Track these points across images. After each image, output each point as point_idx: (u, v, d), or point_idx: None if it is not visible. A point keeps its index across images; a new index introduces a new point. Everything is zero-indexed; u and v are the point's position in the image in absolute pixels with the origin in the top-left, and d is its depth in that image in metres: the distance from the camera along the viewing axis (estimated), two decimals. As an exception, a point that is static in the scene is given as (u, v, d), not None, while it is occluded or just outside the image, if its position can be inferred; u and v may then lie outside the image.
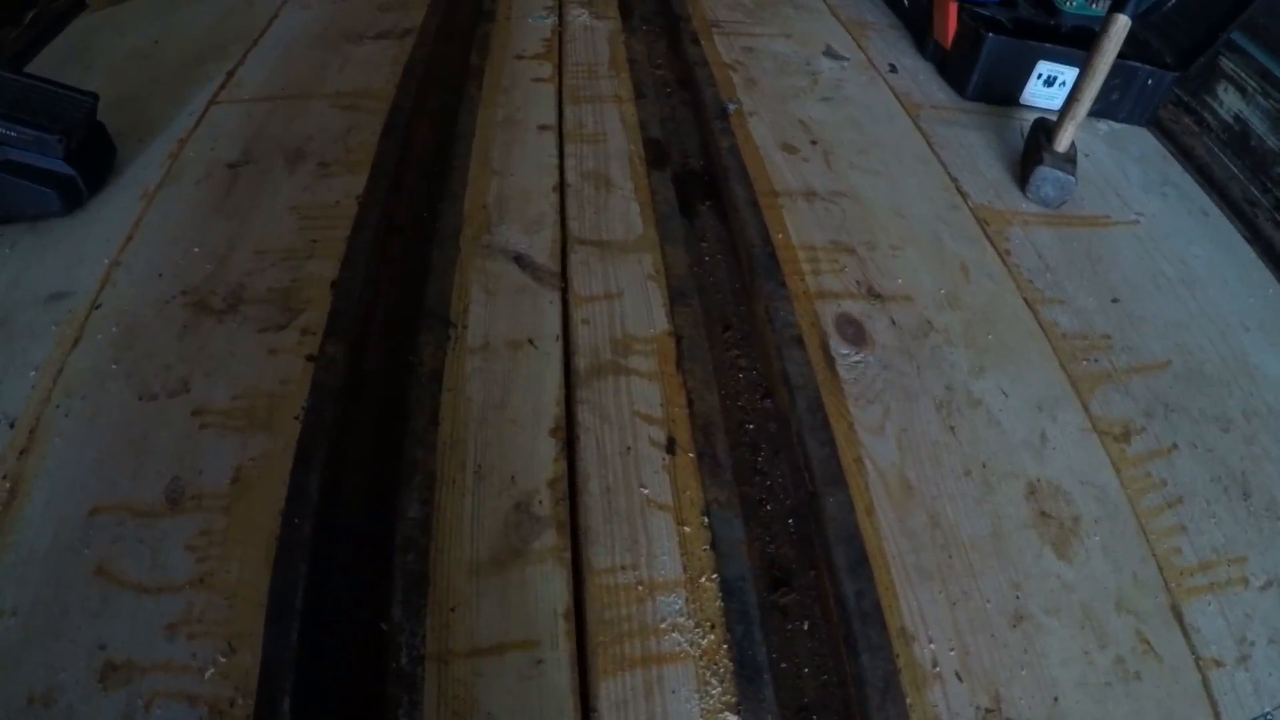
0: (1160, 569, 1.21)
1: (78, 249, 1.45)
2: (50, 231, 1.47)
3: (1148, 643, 1.13)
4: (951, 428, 1.30)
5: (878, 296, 1.47)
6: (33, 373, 1.26)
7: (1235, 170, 2.00)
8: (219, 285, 1.39)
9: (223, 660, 0.98)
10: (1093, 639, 1.12)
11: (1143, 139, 2.07)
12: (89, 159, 1.54)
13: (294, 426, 1.20)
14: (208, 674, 0.97)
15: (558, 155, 1.69)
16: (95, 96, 1.55)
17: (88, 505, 1.12)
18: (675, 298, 1.40)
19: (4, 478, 1.14)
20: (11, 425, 1.20)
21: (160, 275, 1.40)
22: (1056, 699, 1.06)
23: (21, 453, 1.17)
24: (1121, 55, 1.70)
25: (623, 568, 1.10)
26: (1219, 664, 1.13)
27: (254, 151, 1.67)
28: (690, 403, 1.28)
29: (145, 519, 1.11)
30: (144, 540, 1.09)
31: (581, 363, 1.30)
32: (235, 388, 1.25)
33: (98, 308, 1.35)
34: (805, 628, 1.11)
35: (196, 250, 1.44)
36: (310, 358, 1.27)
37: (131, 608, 1.02)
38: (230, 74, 1.93)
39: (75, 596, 1.03)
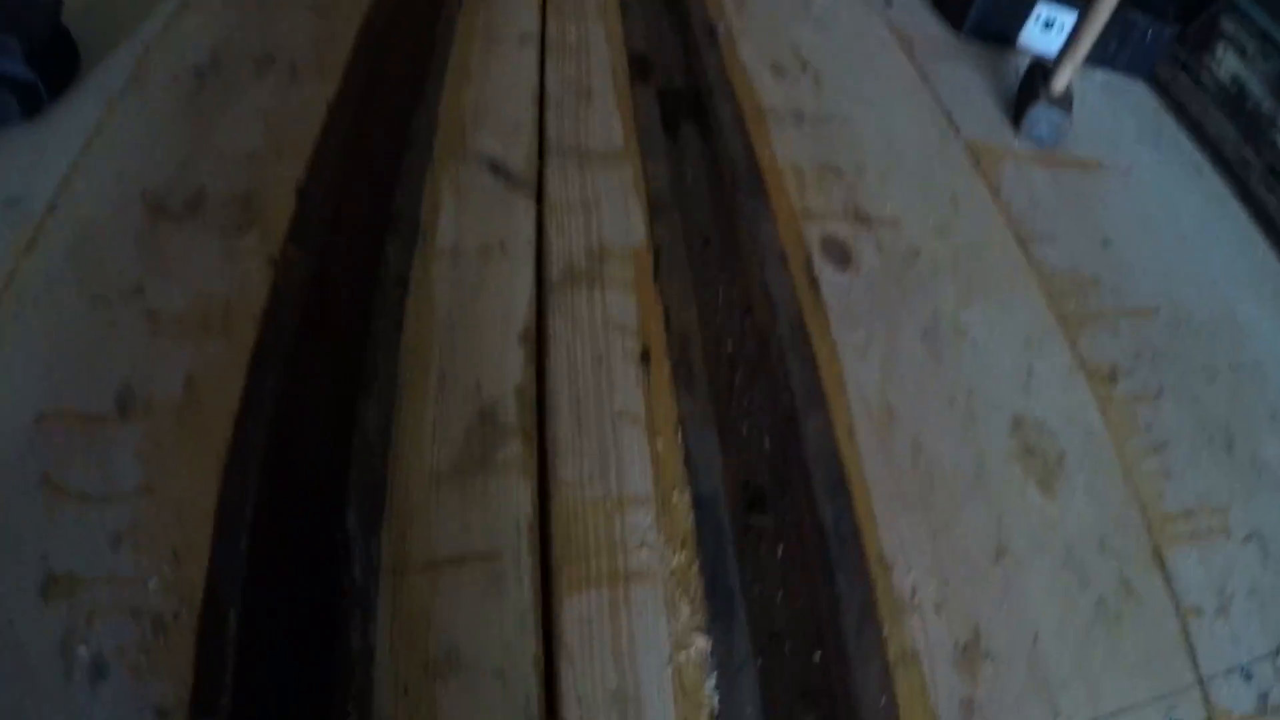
0: (1144, 512, 1.17)
1: (36, 155, 1.35)
2: (8, 138, 1.38)
3: (1129, 586, 1.09)
4: (937, 356, 1.25)
5: (865, 220, 1.41)
6: None
7: (1230, 130, 1.95)
8: (180, 189, 1.30)
9: (168, 571, 0.91)
10: (1074, 579, 1.08)
11: (1139, 91, 2.03)
12: (50, 64, 1.43)
13: (251, 331, 1.12)
14: (151, 585, 0.90)
15: (538, 66, 1.61)
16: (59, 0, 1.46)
17: (33, 412, 1.03)
18: (655, 211, 1.33)
19: None
20: None
21: (120, 180, 1.31)
22: (1037, 637, 1.02)
23: None
24: (1122, 5, 1.64)
25: (591, 481, 1.03)
26: (1198, 613, 1.10)
27: (223, 57, 1.57)
28: (667, 316, 1.22)
29: (94, 425, 1.03)
30: (91, 448, 1.01)
31: (555, 270, 1.23)
32: (192, 292, 1.17)
33: (53, 211, 1.26)
34: (779, 552, 1.05)
35: (159, 155, 1.35)
36: (271, 261, 1.19)
37: (76, 518, 0.95)
38: (200, -24, 1.84)
39: (18, 507, 0.95)
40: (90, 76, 1.53)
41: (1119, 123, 1.88)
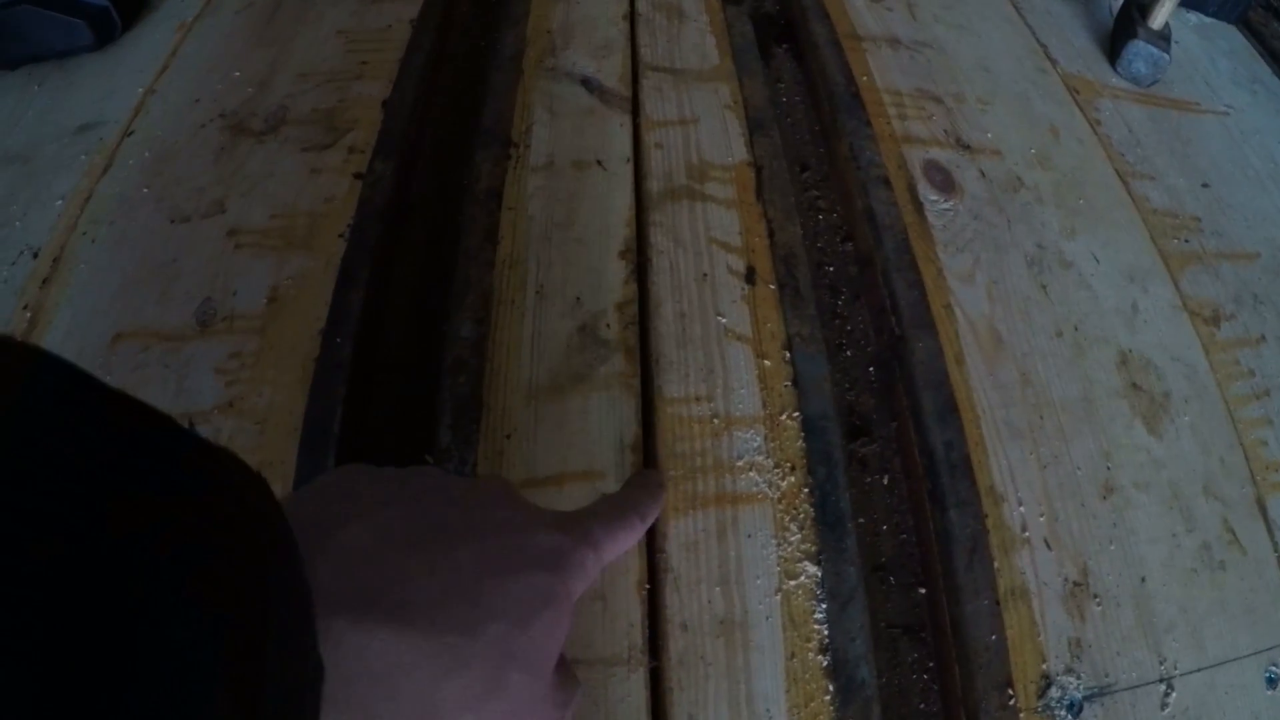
0: (1247, 459, 1.12)
1: (109, 81, 1.32)
2: (80, 67, 1.35)
3: (1233, 532, 1.04)
4: (1043, 285, 1.20)
5: (966, 147, 1.35)
6: (59, 202, 1.15)
7: (1322, 78, 1.88)
8: (259, 108, 1.26)
9: None
10: (1180, 521, 1.03)
11: (1231, 35, 1.94)
12: (122, -11, 1.41)
13: (337, 245, 1.08)
14: None
15: (626, -14, 1.55)
16: None
17: (111, 332, 1.00)
18: (754, 128, 1.27)
19: (25, 308, 1.03)
20: (35, 255, 1.08)
21: (197, 101, 1.27)
22: (1144, 579, 0.98)
23: (44, 282, 1.05)
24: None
25: (697, 399, 0.98)
26: (1300, 564, 1.03)
27: (298, -21, 1.53)
28: (771, 233, 1.16)
29: (172, 343, 1.00)
30: (169, 365, 0.97)
31: (654, 186, 1.17)
32: (274, 208, 1.13)
33: (129, 135, 1.23)
34: (885, 482, 1.01)
35: (236, 75, 1.31)
36: (357, 175, 1.16)
37: None
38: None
39: None
40: (161, 7, 1.49)
41: (1214, 65, 1.80)
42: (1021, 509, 0.97)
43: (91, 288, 1.05)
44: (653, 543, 0.87)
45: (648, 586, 0.85)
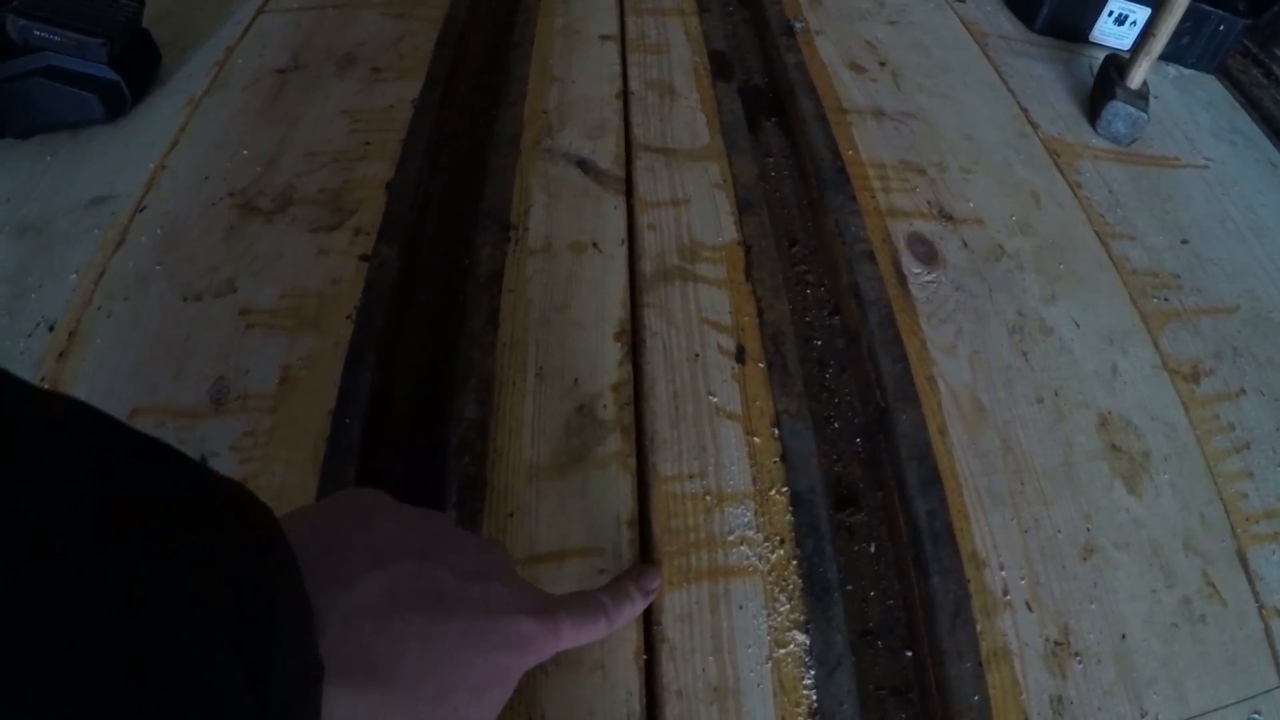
0: (1227, 512, 1.15)
1: (121, 155, 1.37)
2: (92, 139, 1.39)
3: (1214, 586, 1.07)
4: (1024, 353, 1.23)
5: (949, 218, 1.39)
6: (73, 276, 1.19)
7: (1303, 126, 1.92)
8: (267, 187, 1.31)
9: None
10: (1160, 578, 1.06)
11: (1210, 86, 1.98)
12: (133, 65, 1.45)
13: (345, 327, 1.13)
14: None
15: (620, 64, 1.60)
16: (140, 2, 1.47)
17: (127, 407, 1.04)
18: (743, 207, 1.32)
19: (42, 380, 1.07)
20: (51, 329, 1.12)
21: (206, 178, 1.32)
22: (1124, 636, 1.01)
23: (60, 355, 1.10)
24: (1194, -1, 1.62)
25: (690, 476, 1.03)
26: (1281, 615, 1.06)
27: (303, 58, 1.58)
28: (760, 312, 1.20)
29: (187, 419, 1.03)
30: (185, 442, 1.01)
31: (648, 267, 1.22)
32: (284, 288, 1.17)
33: (141, 210, 1.27)
34: (871, 549, 1.04)
35: (244, 153, 1.36)
36: (363, 258, 1.20)
37: None
38: (279, -19, 1.85)
39: None
40: (171, 80, 1.54)
41: (1193, 118, 1.84)
42: (1003, 573, 1.01)
43: (107, 363, 1.09)
44: (650, 615, 0.91)
45: (645, 656, 0.89)
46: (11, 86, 1.35)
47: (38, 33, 1.35)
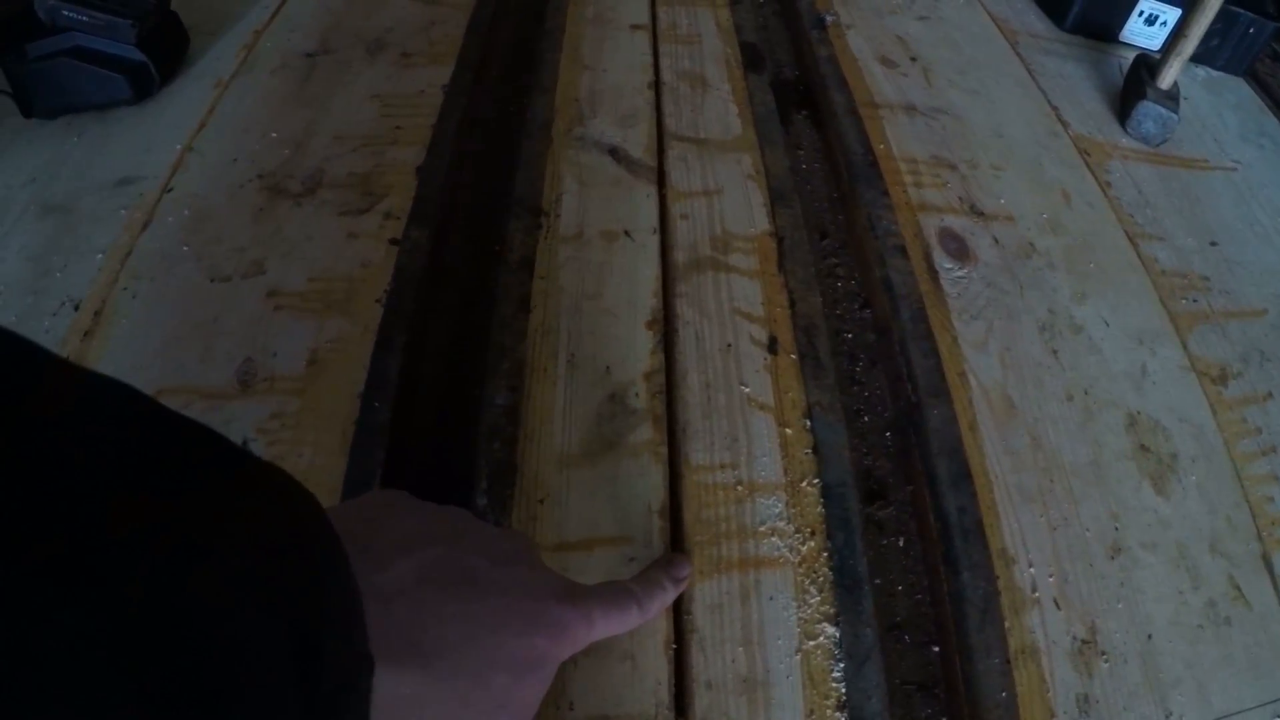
0: (1253, 515, 1.14)
1: (148, 136, 1.36)
2: (119, 120, 1.39)
3: (1239, 589, 1.07)
4: (1054, 351, 1.23)
5: (980, 214, 1.38)
6: (99, 256, 1.18)
7: (1330, 130, 1.90)
8: (296, 170, 1.31)
9: None
10: (1186, 579, 1.05)
11: (1239, 88, 1.97)
12: (161, 46, 1.44)
13: (374, 311, 1.12)
14: None
15: (651, 54, 1.59)
16: None
17: (153, 388, 1.03)
18: (775, 199, 1.32)
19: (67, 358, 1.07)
20: (76, 308, 1.12)
21: (235, 160, 1.32)
22: (1150, 636, 1.00)
23: (86, 334, 1.09)
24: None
25: (721, 466, 1.02)
26: (1303, 620, 1.05)
27: (332, 42, 1.58)
28: (792, 303, 1.20)
29: (214, 401, 1.03)
30: (212, 423, 1.00)
31: (680, 257, 1.21)
32: (312, 270, 1.17)
33: (169, 191, 1.27)
34: (900, 544, 1.04)
35: (273, 136, 1.36)
36: (393, 241, 1.20)
37: None
38: (309, -35, 1.84)
39: None
40: (198, 62, 1.54)
41: (1222, 120, 1.83)
42: (1031, 570, 1.00)
43: (133, 342, 1.09)
44: (680, 604, 0.91)
45: (674, 646, 0.89)
46: (39, 66, 1.35)
47: (66, 13, 1.34)
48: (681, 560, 0.91)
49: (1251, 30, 1.94)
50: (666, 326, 1.14)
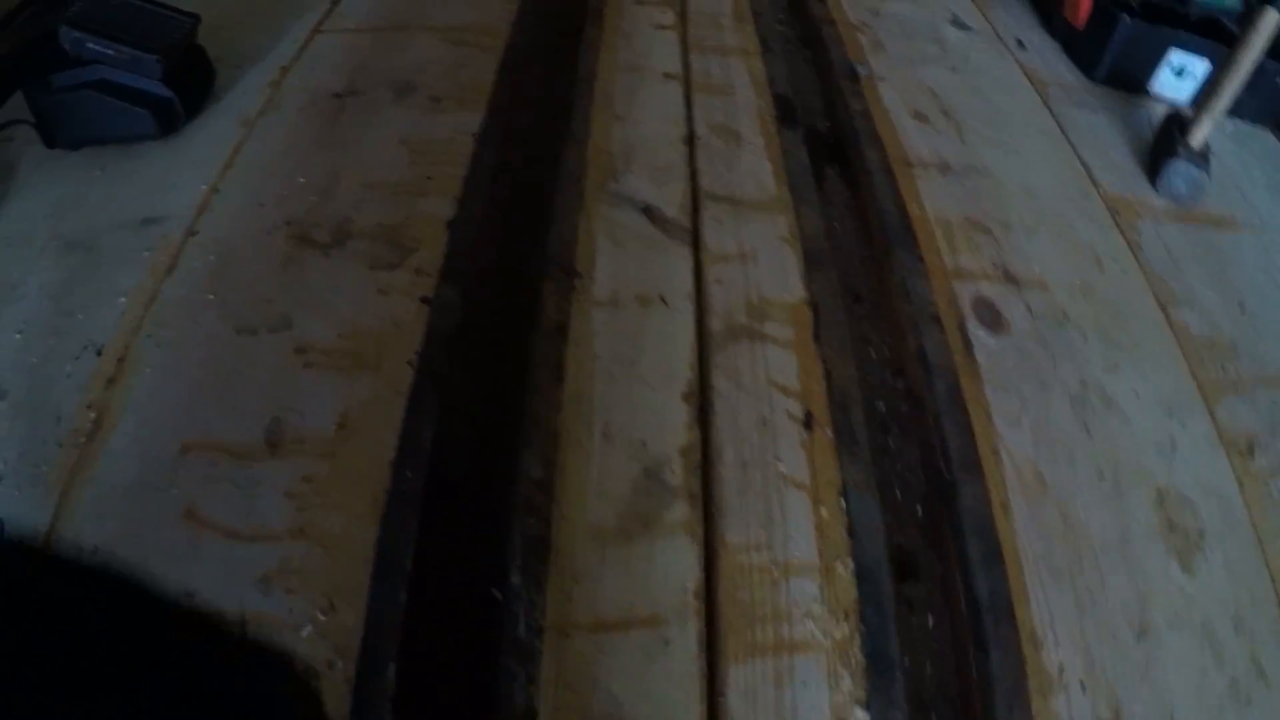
0: (1276, 588, 1.14)
1: (172, 173, 1.37)
2: (143, 154, 1.39)
3: (1260, 667, 1.07)
4: (1085, 425, 1.23)
5: (1014, 280, 1.38)
6: (122, 299, 1.19)
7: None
8: (324, 218, 1.31)
9: (322, 618, 0.90)
10: (1210, 658, 1.06)
11: (1265, 139, 1.97)
12: (187, 81, 1.45)
13: (405, 372, 1.12)
14: (305, 631, 0.89)
15: (684, 105, 1.60)
16: (196, 18, 1.47)
17: (178, 442, 1.04)
18: (810, 263, 1.32)
19: (89, 407, 1.06)
20: (99, 353, 1.12)
21: (261, 205, 1.32)
22: (1173, 715, 1.00)
23: (109, 382, 1.09)
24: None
25: (757, 546, 1.03)
26: (1326, 699, 1.06)
27: (359, 82, 1.58)
28: (828, 374, 1.20)
29: (241, 460, 1.03)
30: (239, 483, 1.01)
31: (716, 324, 1.22)
32: (341, 326, 1.17)
33: (193, 235, 1.27)
34: (930, 623, 1.04)
35: (300, 181, 1.36)
36: (425, 300, 1.20)
37: (222, 554, 0.94)
38: (334, 2, 1.84)
39: (160, 539, 0.95)
40: (225, 98, 1.54)
41: (1249, 174, 1.82)
42: (1060, 652, 1.01)
43: (157, 393, 1.09)
44: (714, 687, 0.91)
45: (708, 728, 0.88)
46: (63, 98, 1.36)
47: (91, 45, 1.35)
48: None
49: (1279, 80, 1.93)
50: (702, 399, 1.14)
